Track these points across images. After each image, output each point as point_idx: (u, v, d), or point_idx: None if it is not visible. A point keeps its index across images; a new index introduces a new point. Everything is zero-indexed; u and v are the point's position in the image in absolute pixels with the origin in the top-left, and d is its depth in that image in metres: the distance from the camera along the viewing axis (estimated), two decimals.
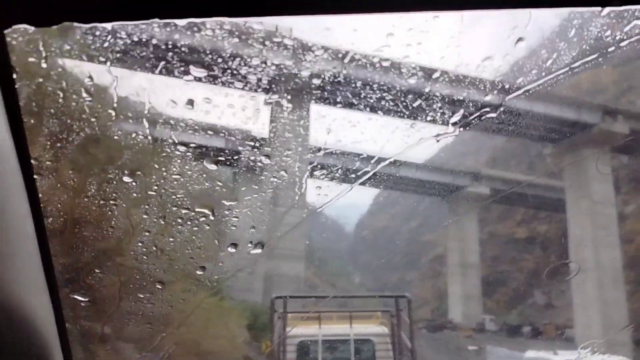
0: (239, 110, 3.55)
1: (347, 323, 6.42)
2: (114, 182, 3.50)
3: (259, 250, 3.14)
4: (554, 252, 47.83)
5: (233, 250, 3.09)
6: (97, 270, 4.02)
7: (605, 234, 28.45)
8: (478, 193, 41.68)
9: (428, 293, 60.40)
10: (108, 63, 2.63)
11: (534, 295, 44.90)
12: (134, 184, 3.25)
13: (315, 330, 6.24)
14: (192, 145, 3.21)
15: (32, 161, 1.51)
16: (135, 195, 3.21)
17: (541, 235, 49.99)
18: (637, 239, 33.98)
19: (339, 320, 6.71)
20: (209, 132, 3.59)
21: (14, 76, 1.43)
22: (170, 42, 3.99)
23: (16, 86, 1.44)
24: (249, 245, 3.17)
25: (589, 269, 27.99)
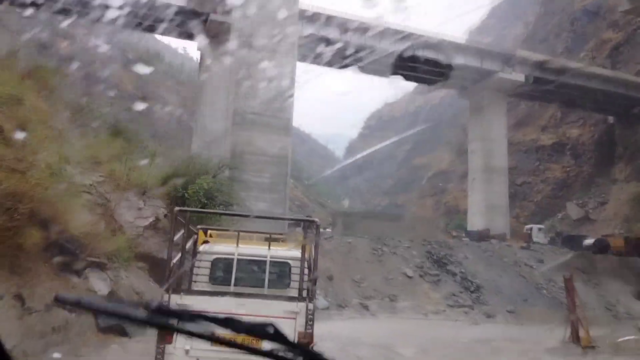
0: None
1: (265, 245, 6.12)
2: None
3: None
4: (587, 160, 40.81)
5: None
6: None
7: None
8: (511, 80, 33.66)
9: (429, 211, 54.46)
10: None
11: (565, 208, 38.20)
12: None
13: (232, 248, 5.92)
14: None
15: None
16: None
17: (572, 141, 42.63)
18: None
19: (256, 242, 6.57)
20: None
21: None
22: None
23: None
24: None
25: None
